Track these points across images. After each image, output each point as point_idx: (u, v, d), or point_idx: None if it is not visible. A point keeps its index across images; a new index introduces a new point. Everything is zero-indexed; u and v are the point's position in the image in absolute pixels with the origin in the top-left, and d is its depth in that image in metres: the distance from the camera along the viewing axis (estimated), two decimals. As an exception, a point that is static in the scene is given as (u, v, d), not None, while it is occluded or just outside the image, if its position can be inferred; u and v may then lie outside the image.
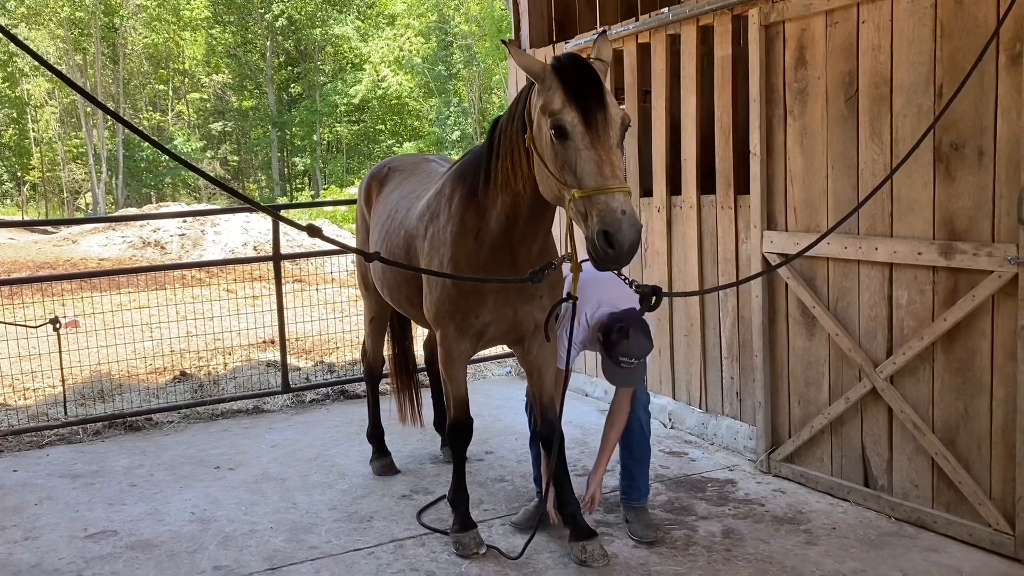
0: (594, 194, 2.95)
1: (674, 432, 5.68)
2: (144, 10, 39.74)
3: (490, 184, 3.63)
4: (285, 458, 5.48)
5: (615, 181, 2.97)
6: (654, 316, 5.86)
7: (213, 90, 44.38)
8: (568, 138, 3.04)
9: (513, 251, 3.67)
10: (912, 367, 4.09)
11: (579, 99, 3.05)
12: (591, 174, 2.98)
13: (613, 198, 2.93)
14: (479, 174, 3.71)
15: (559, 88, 3.08)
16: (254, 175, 46.08)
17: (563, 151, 3.06)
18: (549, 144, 3.11)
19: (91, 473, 5.32)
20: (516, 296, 3.75)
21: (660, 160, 5.74)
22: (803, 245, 4.54)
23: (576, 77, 3.09)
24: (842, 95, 4.32)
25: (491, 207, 3.64)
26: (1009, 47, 3.57)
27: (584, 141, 3.02)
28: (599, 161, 2.99)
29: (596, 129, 3.03)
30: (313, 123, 39.64)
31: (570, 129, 3.03)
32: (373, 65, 36.04)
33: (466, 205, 3.76)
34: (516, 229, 3.61)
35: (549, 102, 3.10)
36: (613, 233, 2.90)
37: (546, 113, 3.10)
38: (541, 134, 3.17)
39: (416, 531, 4.30)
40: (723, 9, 5.06)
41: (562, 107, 3.05)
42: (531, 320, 3.85)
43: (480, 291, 3.73)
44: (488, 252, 3.69)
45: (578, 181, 3.00)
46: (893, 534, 4.05)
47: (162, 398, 6.85)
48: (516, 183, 3.48)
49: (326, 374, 7.61)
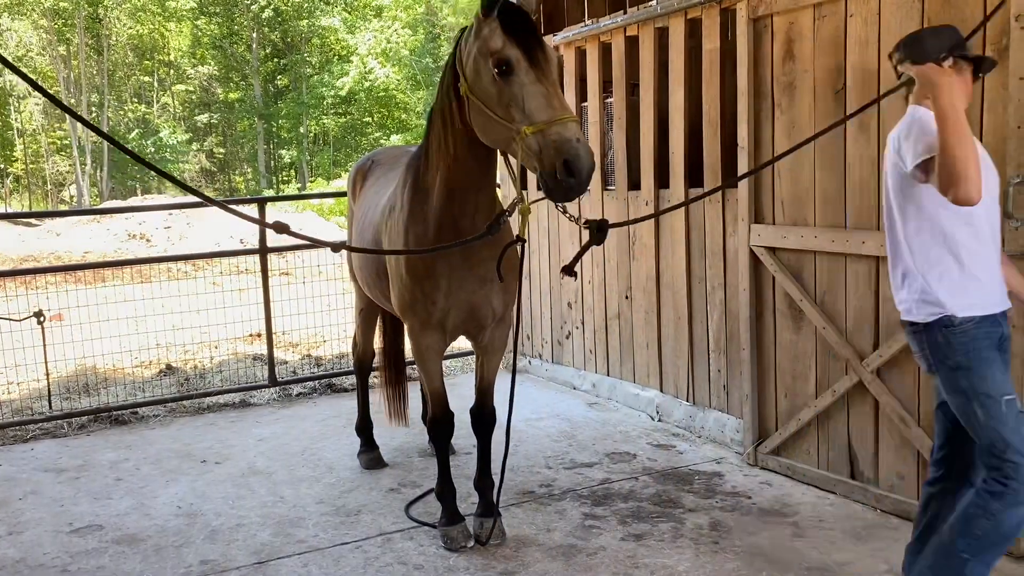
0: (546, 127, 3.01)
1: (662, 425, 5.70)
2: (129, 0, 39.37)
3: (429, 161, 3.69)
4: (272, 452, 5.46)
5: (565, 112, 3.05)
6: (642, 310, 5.88)
7: (199, 82, 44.06)
8: (513, 74, 3.11)
9: (456, 226, 3.68)
10: (898, 360, 4.11)
11: (519, 37, 3.13)
12: (541, 108, 3.05)
13: (566, 128, 3.01)
14: (421, 158, 3.78)
15: (498, 28, 3.15)
16: (240, 167, 45.81)
17: (508, 89, 3.12)
18: (492, 84, 3.16)
19: (76, 467, 5.29)
20: (469, 277, 3.76)
21: (648, 153, 5.74)
22: (790, 239, 4.55)
23: (514, 18, 3.17)
24: (830, 89, 4.33)
25: (432, 186, 3.69)
26: (996, 41, 3.59)
27: (529, 76, 3.09)
28: (547, 95, 3.07)
29: (540, 65, 3.12)
30: (300, 115, 39.42)
31: (515, 64, 3.10)
32: (360, 57, 35.86)
33: (414, 191, 3.82)
34: (455, 201, 3.64)
35: (489, 42, 3.16)
36: (572, 160, 2.97)
37: (486, 54, 3.16)
38: (480, 77, 3.22)
39: (404, 524, 4.29)
40: (711, 2, 5.05)
41: (503, 45, 3.12)
42: (488, 308, 3.87)
43: (433, 276, 3.75)
44: (434, 232, 3.72)
45: (528, 117, 3.06)
46: (879, 526, 4.08)
47: (148, 392, 6.81)
48: (448, 144, 3.53)
49: (313, 367, 7.59)
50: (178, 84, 44.01)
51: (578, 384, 6.65)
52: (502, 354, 4.19)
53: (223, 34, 41.49)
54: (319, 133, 41.78)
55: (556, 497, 4.57)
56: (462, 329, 4.00)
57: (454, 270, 3.73)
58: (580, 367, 6.66)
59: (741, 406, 5.03)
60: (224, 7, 41.12)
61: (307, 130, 40.56)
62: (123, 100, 43.11)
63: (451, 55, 3.48)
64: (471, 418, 4.18)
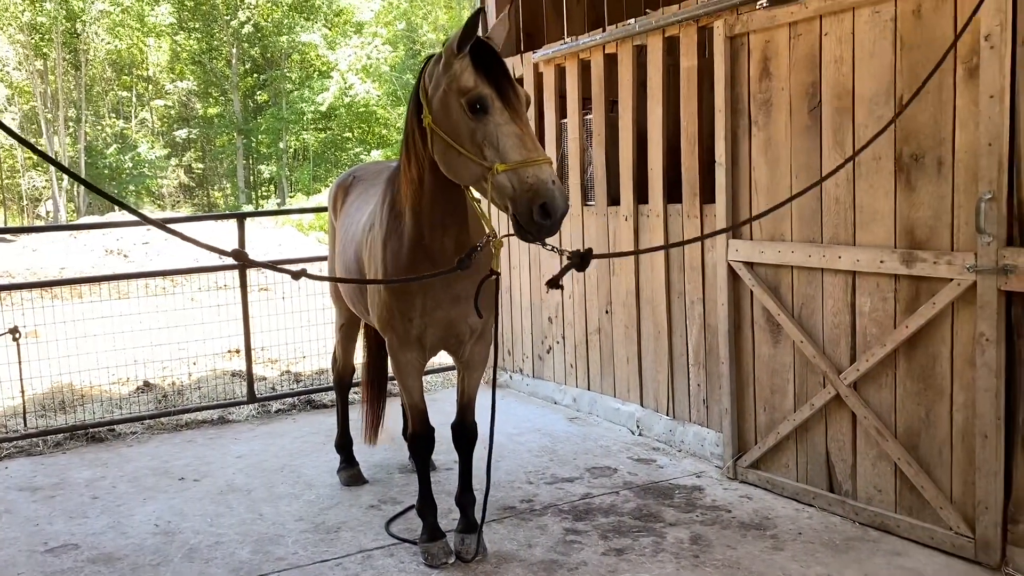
0: (520, 167, 3.03)
1: (642, 439, 5.71)
2: (107, 16, 39.19)
3: (399, 182, 3.70)
4: (251, 469, 5.42)
5: (539, 153, 3.08)
6: (622, 324, 5.91)
7: (178, 97, 43.87)
8: (487, 113, 3.12)
9: (425, 247, 3.69)
10: (875, 373, 4.15)
11: (492, 75, 3.15)
12: (515, 148, 3.07)
13: (542, 170, 3.04)
14: (397, 177, 3.79)
15: (470, 66, 3.16)
16: (219, 183, 45.56)
17: (481, 127, 3.13)
18: (463, 120, 3.17)
19: (51, 486, 5.22)
20: (442, 296, 3.76)
21: (627, 169, 5.79)
22: (768, 254, 4.60)
23: (486, 55, 3.19)
24: (805, 106, 4.39)
25: (404, 205, 3.70)
26: (966, 60, 3.66)
27: (504, 116, 3.11)
28: (520, 135, 3.10)
29: (512, 104, 3.15)
30: (279, 130, 39.32)
31: (489, 103, 3.12)
32: (341, 73, 35.87)
33: (391, 209, 3.83)
34: (423, 222, 3.65)
35: (461, 79, 3.16)
36: (548, 203, 2.99)
37: (457, 91, 3.16)
38: (449, 112, 3.22)
39: (384, 541, 4.27)
40: (689, 20, 5.12)
41: (476, 83, 3.13)
42: (465, 325, 3.87)
43: (408, 294, 3.75)
44: (408, 252, 3.73)
45: (500, 156, 3.07)
46: (857, 538, 4.11)
47: (125, 409, 6.75)
48: (412, 169, 3.54)
49: (292, 384, 7.55)
50: (157, 99, 43.80)
51: (559, 399, 6.66)
52: (483, 369, 4.19)
53: (202, 49, 41.36)
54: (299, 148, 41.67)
55: (537, 512, 4.57)
56: (441, 345, 4.00)
57: (429, 289, 3.74)
58: (561, 382, 6.67)
59: (720, 420, 5.06)
60: (204, 23, 41.02)
61: (287, 145, 40.45)
62: (101, 115, 42.81)
63: (416, 84, 3.49)
64: (452, 433, 4.17)
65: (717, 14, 4.83)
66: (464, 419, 4.15)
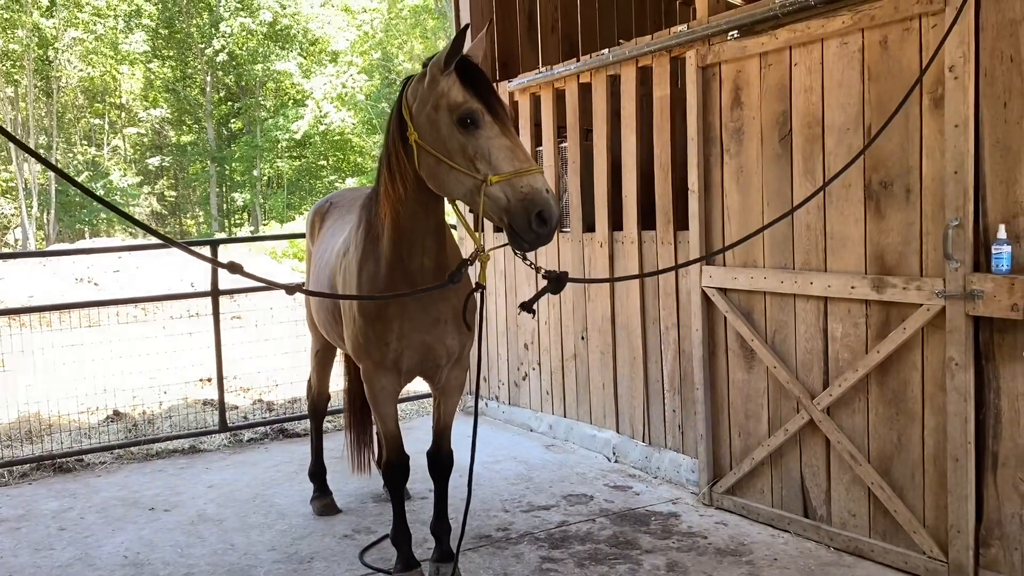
0: (514, 177, 3.10)
1: (618, 466, 5.70)
2: (80, 43, 39.04)
3: (379, 205, 3.71)
4: (222, 499, 5.34)
5: (531, 164, 3.15)
6: (598, 350, 5.92)
7: (151, 125, 43.67)
8: (478, 127, 3.18)
9: (404, 269, 3.69)
10: (848, 398, 4.19)
11: (479, 90, 3.23)
12: (507, 159, 3.14)
13: (535, 179, 3.10)
14: (373, 200, 3.80)
15: (457, 82, 3.23)
16: (192, 210, 45.28)
17: (472, 140, 3.19)
18: (452, 136, 3.22)
19: (17, 517, 5.11)
20: (421, 318, 3.75)
21: (602, 197, 5.84)
22: (741, 280, 4.65)
23: (472, 71, 3.26)
24: (776, 134, 4.46)
25: (382, 227, 3.70)
26: (932, 90, 3.74)
27: (493, 129, 3.18)
28: (512, 147, 3.17)
29: (501, 117, 3.23)
30: (253, 158, 39.24)
31: (479, 117, 3.18)
32: (316, 101, 35.94)
33: (367, 232, 3.83)
34: (403, 244, 3.66)
35: (449, 95, 3.23)
36: (545, 210, 3.05)
37: (446, 107, 3.23)
38: (437, 128, 3.27)
39: (358, 571, 4.22)
40: (661, 51, 5.19)
41: (465, 99, 3.20)
42: (443, 348, 3.86)
43: (385, 317, 3.74)
44: (386, 274, 3.72)
45: (493, 168, 3.13)
46: (832, 564, 4.12)
47: (94, 438, 6.63)
48: (395, 187, 3.55)
49: (265, 412, 7.47)
50: (129, 127, 43.56)
51: (535, 426, 6.64)
52: (459, 395, 4.17)
53: (176, 77, 41.29)
54: (273, 176, 41.58)
55: (513, 541, 4.54)
56: (418, 370, 3.98)
57: (406, 311, 3.73)
58: (537, 408, 6.66)
59: (696, 446, 5.07)
60: (178, 51, 40.98)
61: (261, 173, 40.35)
62: (72, 143, 42.49)
63: (396, 104, 3.52)
64: (428, 460, 4.14)
65: (689, 45, 4.92)
66: (440, 446, 4.12)
